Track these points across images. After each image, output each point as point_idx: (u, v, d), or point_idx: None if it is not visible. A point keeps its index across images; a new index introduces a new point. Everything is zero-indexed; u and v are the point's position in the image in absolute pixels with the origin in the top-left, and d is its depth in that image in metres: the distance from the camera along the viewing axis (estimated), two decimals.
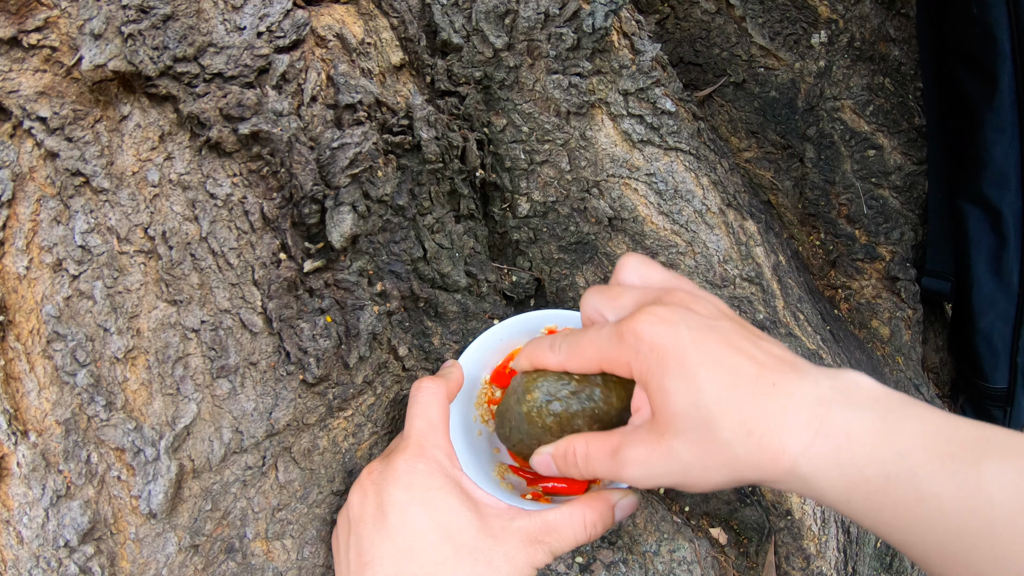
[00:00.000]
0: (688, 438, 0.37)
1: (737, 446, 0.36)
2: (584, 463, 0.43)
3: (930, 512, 0.32)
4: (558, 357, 0.45)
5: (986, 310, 0.71)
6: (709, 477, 0.38)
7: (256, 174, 0.50)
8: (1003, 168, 0.66)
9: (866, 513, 0.34)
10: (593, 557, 0.54)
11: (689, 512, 0.61)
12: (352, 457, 0.54)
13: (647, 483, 0.40)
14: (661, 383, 0.38)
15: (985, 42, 0.64)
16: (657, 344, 0.38)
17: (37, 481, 0.44)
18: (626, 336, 0.40)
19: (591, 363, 0.43)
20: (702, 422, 0.37)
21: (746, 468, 0.36)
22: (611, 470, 0.41)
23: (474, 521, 0.45)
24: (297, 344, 0.50)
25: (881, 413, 0.35)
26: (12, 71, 0.44)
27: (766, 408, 0.36)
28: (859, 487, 0.34)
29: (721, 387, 0.37)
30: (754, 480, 0.37)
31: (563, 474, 0.45)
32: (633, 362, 0.40)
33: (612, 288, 0.46)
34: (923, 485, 0.32)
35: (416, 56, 0.57)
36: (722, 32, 0.74)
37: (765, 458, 0.36)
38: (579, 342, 0.44)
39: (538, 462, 0.46)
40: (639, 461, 0.40)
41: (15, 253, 0.45)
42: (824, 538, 0.60)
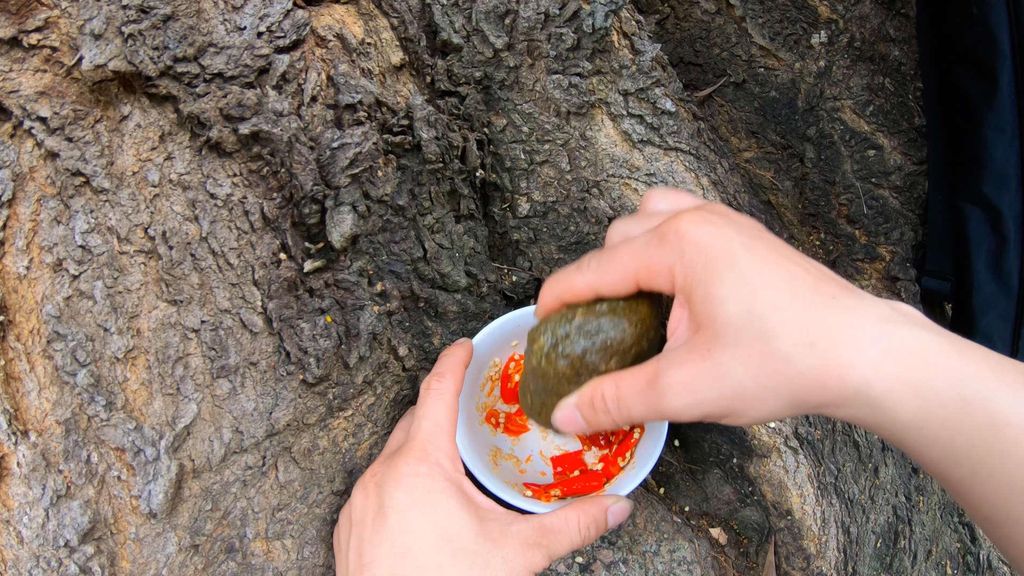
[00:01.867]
0: (742, 351, 0.33)
1: (799, 359, 0.32)
2: (616, 405, 0.38)
3: (1005, 440, 0.30)
4: (587, 276, 0.40)
5: (986, 310, 0.71)
6: (765, 401, 0.33)
7: (256, 174, 0.50)
8: (1003, 168, 0.66)
9: (938, 442, 0.31)
10: (593, 557, 0.54)
11: (689, 512, 0.61)
12: (352, 457, 0.54)
13: (692, 412, 0.35)
14: (709, 288, 0.33)
15: (985, 42, 0.64)
16: (704, 244, 0.34)
17: (37, 481, 0.44)
18: (668, 236, 0.35)
19: (626, 275, 0.38)
20: (758, 332, 0.32)
21: (808, 387, 0.32)
22: (649, 405, 0.36)
23: (473, 525, 0.44)
24: (297, 344, 0.50)
25: (946, 338, 0.32)
26: (12, 71, 0.44)
27: (829, 319, 0.32)
28: (934, 411, 0.31)
29: (778, 294, 0.32)
30: (814, 406, 0.33)
31: (592, 427, 0.40)
32: (677, 265, 0.35)
33: (643, 212, 0.42)
34: (999, 411, 0.30)
35: (416, 56, 0.57)
36: (722, 32, 0.74)
37: (831, 375, 0.31)
38: (612, 253, 0.38)
39: (562, 418, 0.41)
40: (683, 385, 0.34)
41: (15, 253, 0.45)
42: (824, 538, 0.60)
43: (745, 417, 0.34)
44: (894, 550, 0.67)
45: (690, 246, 0.34)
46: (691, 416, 0.35)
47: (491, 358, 0.59)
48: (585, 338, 0.40)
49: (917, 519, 0.71)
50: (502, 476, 0.53)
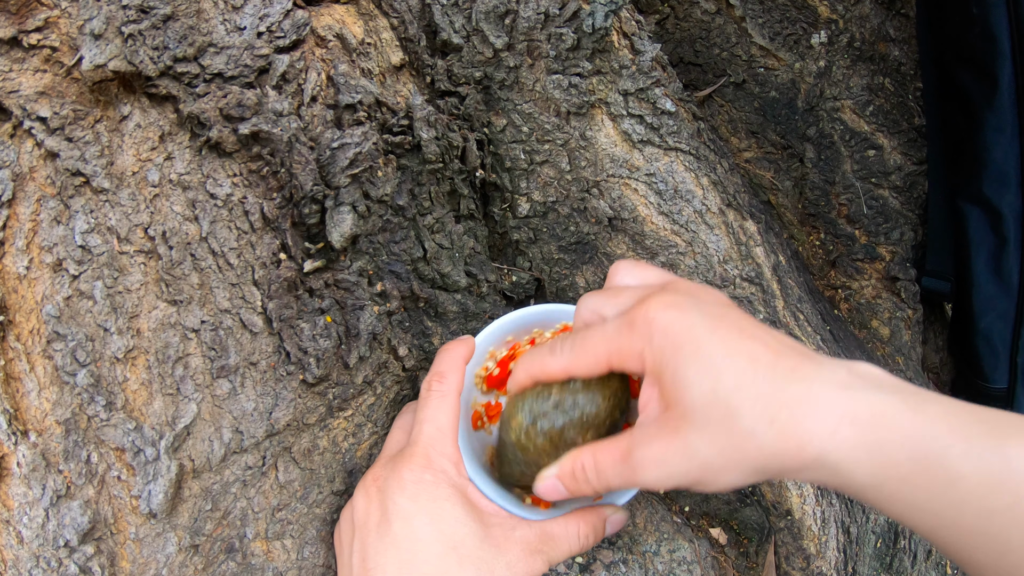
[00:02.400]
0: (708, 431, 0.35)
1: (760, 435, 0.34)
2: (595, 476, 0.41)
3: (961, 494, 0.31)
4: (561, 360, 0.42)
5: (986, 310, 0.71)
6: (729, 473, 0.36)
7: (256, 174, 0.50)
8: (1003, 168, 0.66)
9: (896, 498, 0.33)
10: (593, 557, 0.54)
11: (689, 512, 0.61)
12: (352, 457, 0.54)
13: (664, 484, 0.38)
14: (676, 372, 0.36)
15: (985, 42, 0.64)
16: (671, 329, 0.37)
17: (37, 481, 0.44)
18: (637, 322, 0.38)
19: (599, 359, 0.41)
20: (722, 412, 0.35)
21: (769, 459, 0.34)
22: (625, 476, 0.39)
23: (478, 532, 0.45)
24: (297, 344, 0.50)
25: (901, 396, 0.33)
26: (12, 71, 0.44)
27: (788, 394, 0.34)
28: (889, 471, 0.32)
29: (740, 374, 0.35)
30: (776, 472, 0.35)
31: (574, 494, 0.43)
32: (647, 350, 0.37)
33: (609, 289, 0.45)
34: (953, 466, 0.31)
35: (416, 56, 0.57)
36: (722, 32, 0.74)
37: (790, 447, 0.34)
38: (584, 338, 0.41)
39: (544, 488, 0.44)
40: (655, 460, 0.37)
41: (15, 253, 0.45)
42: (824, 538, 0.60)
43: (713, 486, 0.37)
44: (894, 550, 0.67)
45: (658, 332, 0.37)
46: (663, 486, 0.38)
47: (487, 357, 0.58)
48: (563, 414, 0.43)
49: None
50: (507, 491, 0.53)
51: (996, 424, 0.32)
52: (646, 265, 0.46)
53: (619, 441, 0.40)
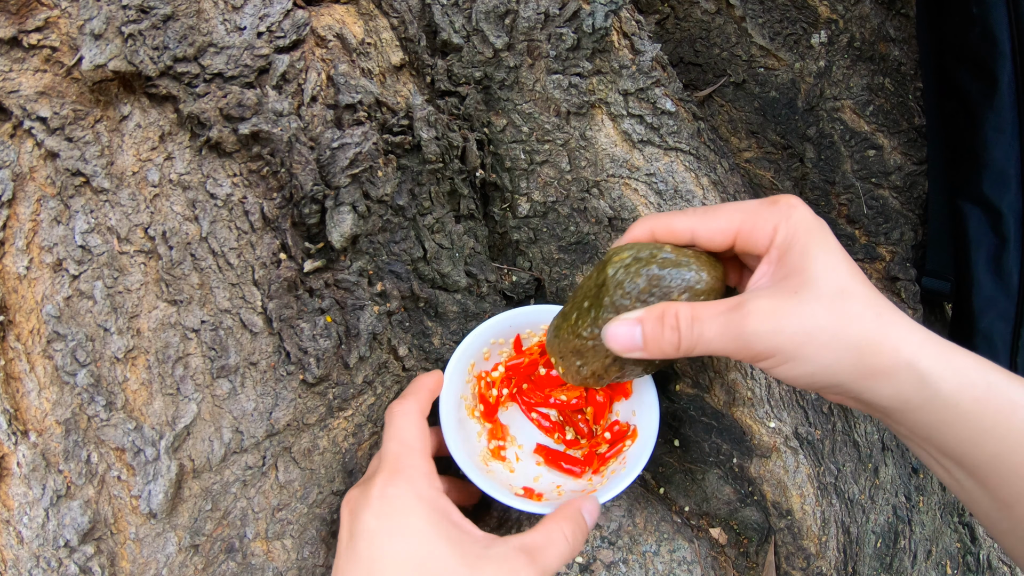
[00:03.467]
0: (824, 300, 0.38)
1: (867, 321, 0.37)
2: (689, 324, 0.40)
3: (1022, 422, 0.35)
4: (688, 220, 0.43)
5: (986, 310, 0.71)
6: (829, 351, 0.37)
7: (256, 174, 0.50)
8: (1003, 168, 0.66)
9: (969, 419, 0.36)
10: (593, 557, 0.54)
11: (689, 512, 0.61)
12: (352, 457, 0.54)
13: (769, 342, 0.38)
14: (807, 247, 0.39)
15: (985, 42, 0.64)
16: (808, 218, 0.40)
17: (37, 481, 0.44)
18: (780, 202, 0.41)
19: (731, 224, 0.42)
20: (839, 289, 0.38)
21: (870, 348, 0.37)
22: (729, 327, 0.39)
23: (448, 548, 0.42)
24: (297, 344, 0.50)
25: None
26: (12, 71, 0.44)
27: (885, 305, 0.38)
28: (967, 390, 0.36)
29: (856, 280, 0.38)
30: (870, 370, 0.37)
31: (649, 346, 0.41)
32: (783, 224, 0.40)
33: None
34: (1017, 397, 0.35)
35: (416, 56, 0.57)
36: (722, 32, 0.74)
37: (889, 344, 0.37)
38: (718, 208, 0.43)
39: (617, 329, 0.42)
40: (768, 311, 0.38)
41: (15, 253, 0.45)
42: (824, 538, 0.60)
43: (806, 364, 0.38)
44: (894, 550, 0.67)
45: (797, 214, 0.41)
46: (763, 345, 0.38)
47: (480, 354, 0.59)
48: (670, 268, 0.42)
49: (917, 519, 0.71)
50: (495, 478, 0.53)
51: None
52: None
53: (725, 299, 0.41)
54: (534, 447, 0.58)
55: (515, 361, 0.59)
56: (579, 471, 0.56)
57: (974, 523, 0.80)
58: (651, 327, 0.41)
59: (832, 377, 0.38)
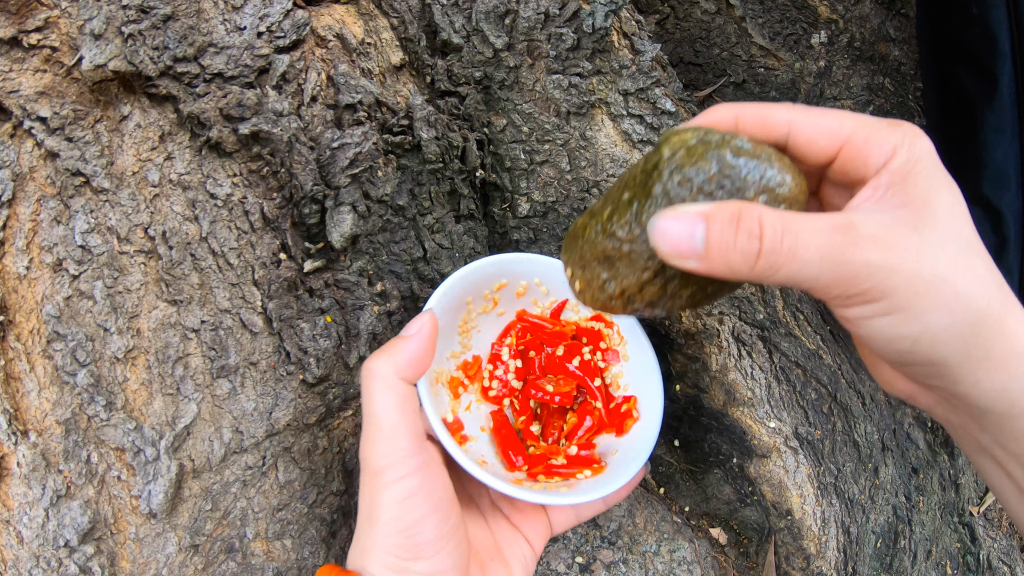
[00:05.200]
0: (951, 249, 0.31)
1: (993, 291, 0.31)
2: (779, 234, 0.30)
3: None
4: (792, 111, 0.35)
5: None
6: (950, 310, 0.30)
7: (256, 174, 0.50)
8: (1003, 168, 0.66)
9: None
10: (593, 557, 0.54)
11: (689, 512, 0.61)
12: (352, 457, 0.54)
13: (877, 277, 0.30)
14: (932, 178, 0.32)
15: (985, 42, 0.64)
16: (927, 144, 0.33)
17: (37, 481, 0.44)
18: (903, 125, 0.34)
19: (841, 129, 0.34)
20: (968, 242, 0.32)
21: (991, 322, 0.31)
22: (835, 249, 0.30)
23: None
24: (297, 344, 0.50)
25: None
26: (12, 71, 0.44)
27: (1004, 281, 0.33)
28: None
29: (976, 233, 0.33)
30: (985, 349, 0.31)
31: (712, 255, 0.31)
32: (903, 147, 0.33)
33: None
34: None
35: (416, 56, 0.57)
36: (722, 32, 0.74)
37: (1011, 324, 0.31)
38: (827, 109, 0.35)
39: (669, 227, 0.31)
40: (884, 240, 0.30)
41: (15, 253, 0.45)
42: (824, 538, 0.60)
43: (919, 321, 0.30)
44: (894, 550, 0.67)
45: (923, 143, 0.33)
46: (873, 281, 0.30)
47: (463, 304, 0.54)
48: (745, 158, 0.32)
49: (917, 519, 0.71)
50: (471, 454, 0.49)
51: None
52: None
53: (825, 215, 0.31)
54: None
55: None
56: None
57: (974, 523, 0.80)
58: (720, 228, 0.30)
59: (938, 348, 0.31)
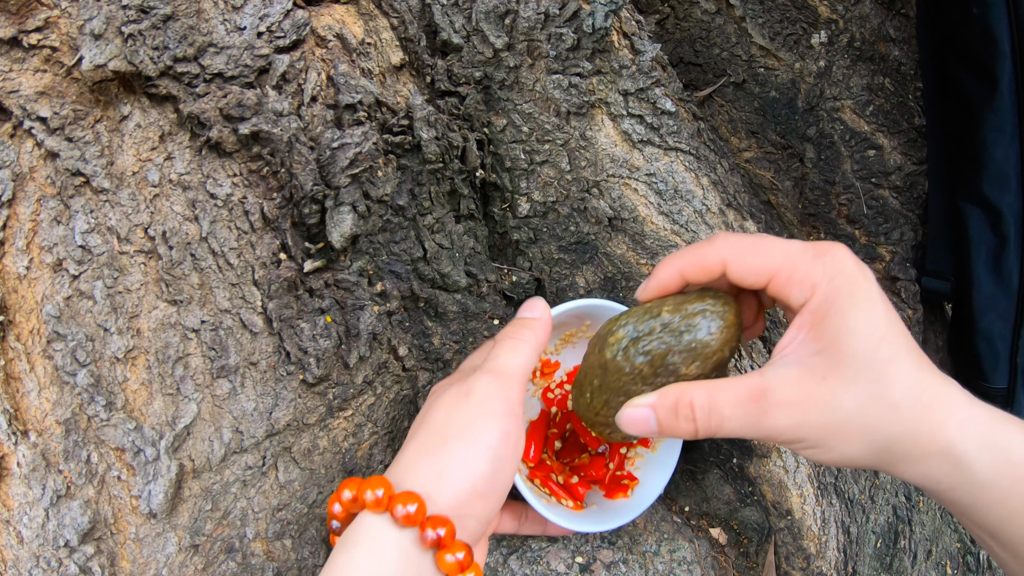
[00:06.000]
0: (858, 387, 0.34)
1: (904, 411, 0.34)
2: (707, 415, 0.37)
3: None
4: (720, 251, 0.39)
5: (986, 310, 0.71)
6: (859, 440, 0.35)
7: (256, 174, 0.50)
8: (1003, 168, 0.66)
9: (1008, 499, 0.34)
10: (593, 557, 0.54)
11: (689, 512, 0.61)
12: (352, 457, 0.54)
13: (791, 434, 0.35)
14: (847, 318, 0.35)
15: (985, 42, 0.64)
16: (857, 277, 0.35)
17: (37, 481, 0.44)
18: (826, 254, 0.36)
19: (767, 267, 0.38)
20: (877, 375, 0.34)
21: (903, 436, 0.34)
22: (749, 420, 0.36)
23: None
24: (297, 344, 0.50)
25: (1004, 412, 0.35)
26: (12, 71, 0.44)
27: (931, 381, 0.35)
28: (1007, 470, 0.33)
29: (900, 346, 0.35)
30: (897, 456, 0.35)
31: (665, 433, 0.39)
32: (824, 283, 0.36)
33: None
34: None
35: (416, 56, 0.57)
36: (722, 32, 0.74)
37: (925, 429, 0.34)
38: (758, 241, 0.38)
39: (632, 416, 0.39)
40: (793, 404, 0.35)
41: (15, 253, 0.45)
42: (824, 538, 0.60)
43: (831, 453, 0.36)
44: (894, 550, 0.67)
45: (842, 274, 0.36)
46: (784, 437, 0.36)
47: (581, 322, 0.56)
48: (671, 336, 0.38)
49: (917, 519, 0.71)
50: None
51: None
52: None
53: (745, 381, 0.37)
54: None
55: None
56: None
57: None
58: (664, 415, 0.38)
59: (859, 462, 0.36)
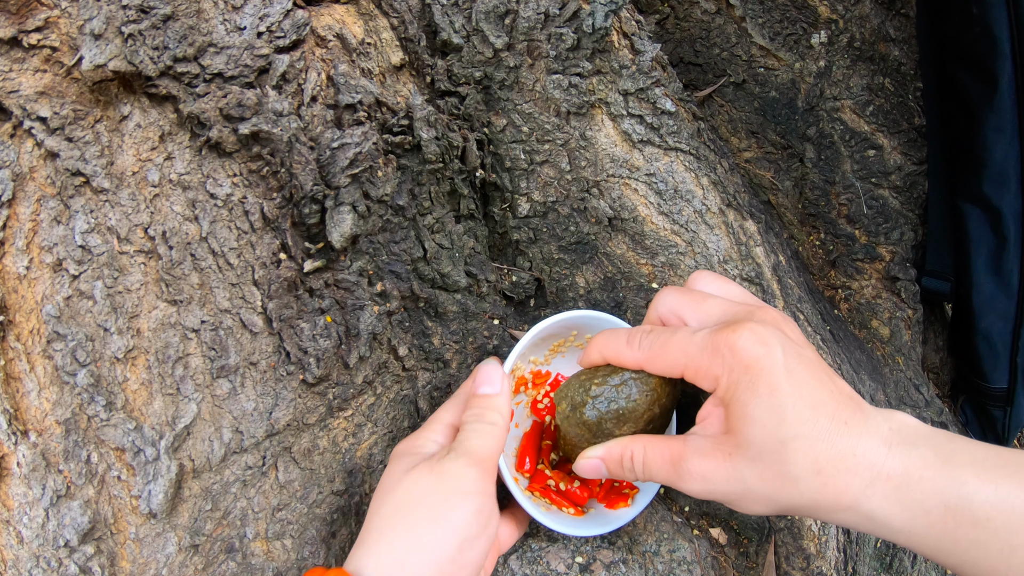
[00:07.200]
0: (758, 466, 0.39)
1: (804, 483, 0.38)
2: (641, 469, 0.44)
3: (987, 534, 0.35)
4: (636, 355, 0.45)
5: (986, 310, 0.71)
6: (762, 505, 0.40)
7: (256, 174, 0.50)
8: (1003, 168, 0.66)
9: (927, 542, 0.37)
10: (593, 557, 0.54)
11: (689, 512, 0.61)
12: (352, 457, 0.54)
13: (702, 496, 0.42)
14: (746, 406, 0.39)
15: (985, 42, 0.64)
16: (753, 366, 0.39)
17: (37, 481, 0.44)
18: (722, 349, 0.40)
19: (674, 367, 0.43)
20: (777, 455, 0.38)
21: (806, 503, 0.38)
22: (669, 480, 0.43)
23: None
24: (297, 344, 0.50)
25: (934, 448, 0.37)
26: (12, 71, 0.44)
27: (837, 447, 0.38)
28: (920, 519, 0.36)
29: (801, 423, 0.38)
30: (806, 513, 0.39)
31: (613, 476, 0.46)
32: (723, 377, 0.40)
33: (693, 292, 0.46)
34: (979, 509, 0.35)
35: (416, 56, 0.57)
36: (722, 32, 0.74)
37: (827, 496, 0.38)
38: (665, 343, 0.44)
39: (586, 466, 0.47)
40: (702, 475, 0.41)
41: (15, 253, 0.45)
42: (824, 538, 0.60)
43: (744, 510, 0.41)
44: (894, 550, 0.67)
45: (739, 365, 0.39)
46: (700, 497, 0.42)
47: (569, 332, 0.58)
48: (599, 407, 0.46)
49: None
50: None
51: (1017, 467, 0.36)
52: (727, 279, 0.48)
53: (671, 445, 0.43)
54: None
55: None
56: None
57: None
58: (612, 466, 0.46)
59: (772, 514, 0.41)
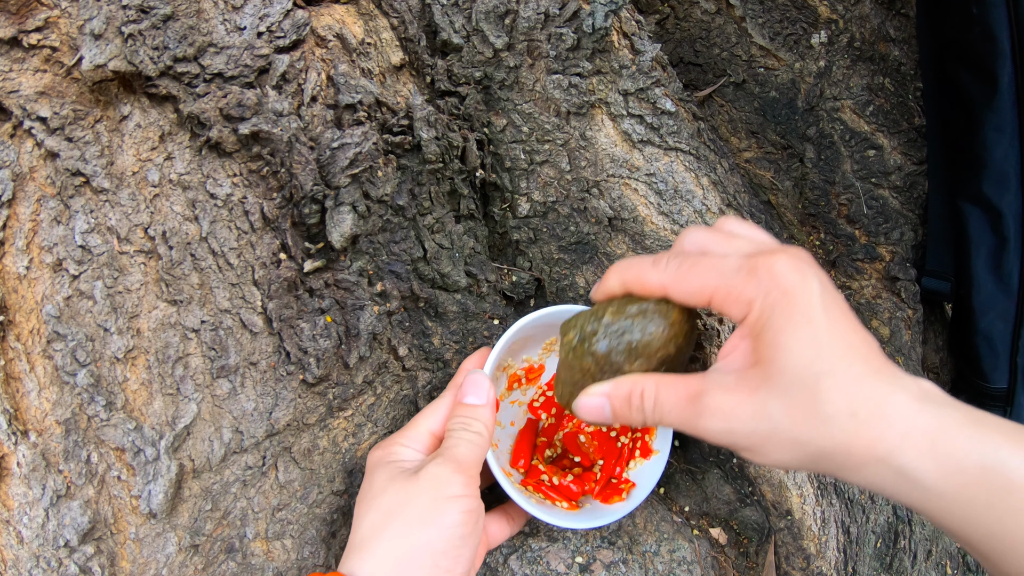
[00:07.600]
0: (789, 400, 0.35)
1: (837, 424, 0.34)
2: (652, 407, 0.39)
3: (1018, 501, 0.32)
4: (661, 276, 0.40)
5: (986, 310, 0.71)
6: (787, 451, 0.36)
7: (256, 174, 0.50)
8: (1003, 168, 0.66)
9: (956, 505, 0.34)
10: (593, 557, 0.54)
11: (689, 512, 0.61)
12: (352, 457, 0.54)
13: (721, 437, 0.37)
14: (781, 332, 0.35)
15: (985, 42, 0.64)
16: (791, 290, 0.36)
17: (37, 481, 0.44)
18: (759, 271, 0.36)
19: (704, 289, 0.39)
20: (810, 389, 0.35)
21: (836, 449, 0.35)
22: (685, 419, 0.38)
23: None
24: (297, 344, 0.50)
25: (963, 411, 0.35)
26: (12, 71, 0.44)
27: (872, 392, 0.35)
28: (953, 478, 0.33)
29: (837, 360, 0.35)
30: (834, 466, 0.36)
31: (618, 421, 0.41)
32: (759, 301, 0.36)
33: (721, 231, 0.43)
34: (1013, 476, 0.32)
35: (416, 56, 0.57)
36: (722, 32, 0.74)
37: (860, 442, 0.34)
38: (695, 264, 0.39)
39: (587, 405, 0.42)
40: (724, 411, 0.36)
41: (15, 253, 0.45)
42: (824, 538, 0.60)
43: (765, 458, 0.37)
44: (894, 550, 0.67)
45: (776, 288, 0.36)
46: (717, 440, 0.37)
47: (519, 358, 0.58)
48: (611, 338, 0.41)
49: (917, 519, 0.71)
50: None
51: None
52: (754, 225, 0.44)
53: (688, 381, 0.39)
54: None
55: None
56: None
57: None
58: (618, 405, 0.41)
59: (795, 468, 0.37)
